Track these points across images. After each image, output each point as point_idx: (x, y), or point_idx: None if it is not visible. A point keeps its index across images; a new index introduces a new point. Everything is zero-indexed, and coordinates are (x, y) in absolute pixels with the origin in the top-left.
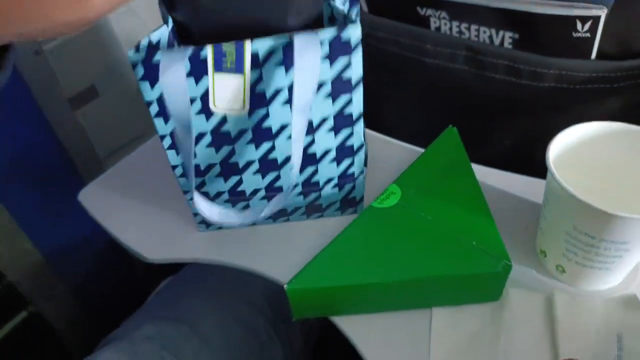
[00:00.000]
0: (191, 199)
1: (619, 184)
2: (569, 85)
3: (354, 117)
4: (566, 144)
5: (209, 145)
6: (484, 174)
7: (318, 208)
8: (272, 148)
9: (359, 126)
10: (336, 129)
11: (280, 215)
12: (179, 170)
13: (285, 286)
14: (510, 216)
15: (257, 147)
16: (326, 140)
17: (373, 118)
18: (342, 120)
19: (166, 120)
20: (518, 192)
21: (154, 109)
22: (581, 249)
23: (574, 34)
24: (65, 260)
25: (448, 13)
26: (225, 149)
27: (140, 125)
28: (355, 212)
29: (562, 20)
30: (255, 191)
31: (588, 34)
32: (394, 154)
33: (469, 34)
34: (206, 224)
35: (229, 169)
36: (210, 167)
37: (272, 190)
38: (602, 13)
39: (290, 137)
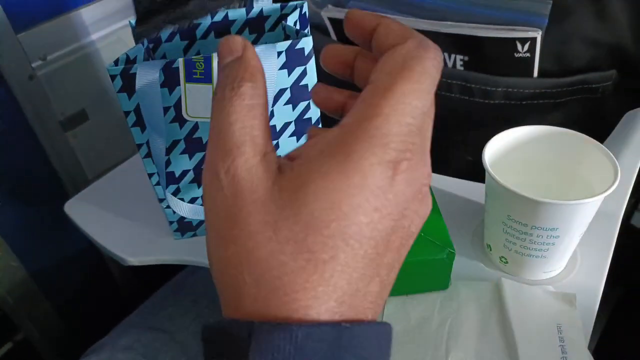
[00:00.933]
0: (167, 207)
1: (547, 180)
2: (516, 102)
3: (313, 122)
4: (500, 147)
5: (183, 152)
6: (437, 180)
7: None
8: None
9: None
10: (297, 134)
11: None
12: (154, 179)
13: None
14: (460, 218)
15: None
16: (289, 145)
17: None
18: (302, 125)
19: (142, 130)
20: (468, 196)
21: (131, 119)
22: (517, 237)
23: (516, 55)
24: (51, 279)
25: None
26: (198, 155)
27: (126, 149)
28: None
29: (503, 42)
30: None
31: (528, 54)
32: None
33: None
34: (181, 232)
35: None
36: (184, 173)
37: None
38: (538, 35)
39: None
